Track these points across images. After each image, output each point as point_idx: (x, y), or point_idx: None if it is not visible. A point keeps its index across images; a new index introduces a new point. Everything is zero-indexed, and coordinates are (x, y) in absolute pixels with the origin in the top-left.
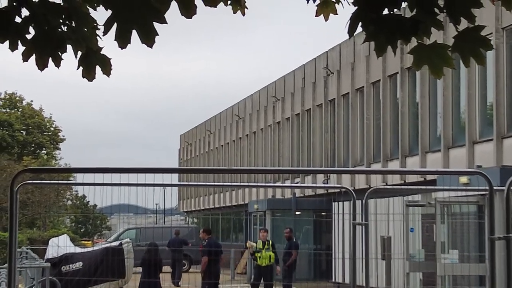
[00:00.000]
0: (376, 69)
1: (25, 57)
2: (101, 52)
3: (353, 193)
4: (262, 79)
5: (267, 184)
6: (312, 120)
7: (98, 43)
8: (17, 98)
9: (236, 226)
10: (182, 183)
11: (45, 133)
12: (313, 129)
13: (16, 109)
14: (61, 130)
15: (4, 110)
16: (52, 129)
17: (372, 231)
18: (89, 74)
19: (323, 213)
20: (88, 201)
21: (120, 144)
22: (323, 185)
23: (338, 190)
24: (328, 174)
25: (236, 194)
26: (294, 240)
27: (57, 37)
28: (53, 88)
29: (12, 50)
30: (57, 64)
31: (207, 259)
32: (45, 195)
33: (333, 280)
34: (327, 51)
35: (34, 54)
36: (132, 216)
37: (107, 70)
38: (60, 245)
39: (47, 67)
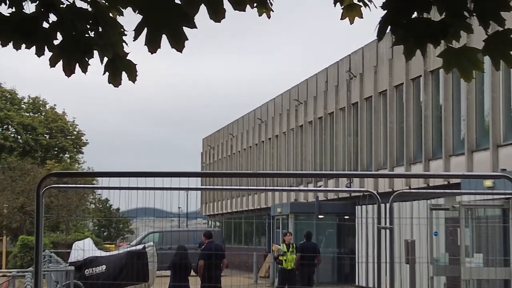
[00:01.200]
0: (399, 72)
1: (53, 62)
2: (127, 58)
3: (378, 196)
4: (285, 83)
5: (290, 188)
6: (335, 124)
7: (124, 49)
8: (41, 102)
9: (259, 229)
10: (205, 187)
11: (68, 137)
12: (336, 133)
13: (39, 113)
14: (84, 134)
15: (28, 114)
16: (75, 133)
17: (396, 235)
18: (115, 80)
19: (346, 217)
20: (111, 205)
21: (142, 148)
22: (348, 189)
23: (362, 194)
24: (351, 178)
25: (258, 197)
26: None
27: (85, 43)
28: (76, 92)
29: (39, 56)
30: (84, 70)
31: (202, 263)
32: (68, 199)
33: (357, 283)
34: (349, 55)
35: (61, 60)
36: (155, 220)
37: (132, 76)
38: (84, 248)
39: (74, 73)
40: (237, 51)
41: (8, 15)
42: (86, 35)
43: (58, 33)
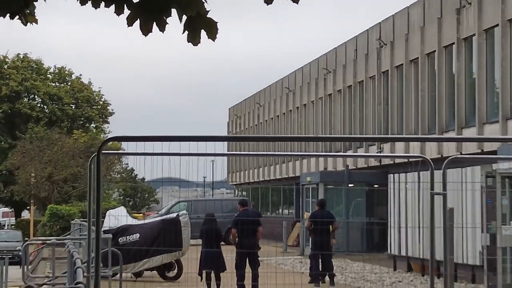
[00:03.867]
0: (431, 39)
1: (130, 21)
2: (208, 16)
3: (431, 162)
4: (313, 52)
5: (337, 154)
6: (364, 92)
7: (205, 6)
8: (66, 72)
9: (287, 198)
10: (232, 152)
11: (94, 107)
12: (366, 101)
13: (65, 83)
14: (110, 104)
15: (54, 84)
16: (101, 102)
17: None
18: (194, 39)
19: (375, 186)
20: (136, 175)
21: (169, 119)
22: (401, 154)
23: (407, 160)
24: (382, 146)
25: (286, 167)
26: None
27: (163, 1)
28: (101, 61)
29: (118, 14)
30: (162, 29)
31: (235, 231)
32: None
33: (389, 252)
34: (380, 22)
35: (138, 19)
36: (180, 190)
37: (212, 34)
38: (118, 216)
39: (151, 32)
40: (265, 20)
41: None
42: None
43: None
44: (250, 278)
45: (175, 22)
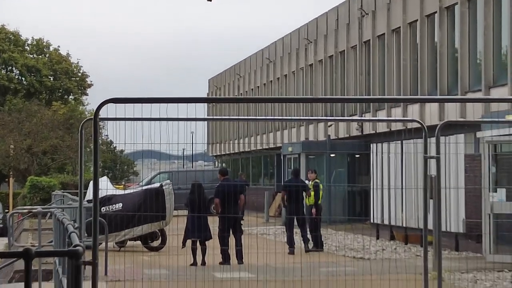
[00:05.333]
0: (413, 9)
1: None
2: None
3: (425, 126)
4: (293, 22)
5: (328, 118)
6: (346, 63)
7: None
8: (44, 43)
9: (268, 169)
10: (213, 117)
11: (72, 79)
12: (347, 72)
13: (43, 55)
14: (89, 76)
15: (32, 56)
16: (79, 74)
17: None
18: None
19: (357, 155)
20: (115, 147)
21: (149, 90)
22: (395, 118)
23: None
24: (364, 115)
25: (267, 137)
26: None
27: None
28: (78, 34)
29: None
30: None
31: (218, 200)
32: (75, 140)
33: (371, 221)
34: None
35: None
36: (158, 162)
37: None
38: (101, 187)
39: None
40: None
41: None
42: None
43: None
44: (234, 244)
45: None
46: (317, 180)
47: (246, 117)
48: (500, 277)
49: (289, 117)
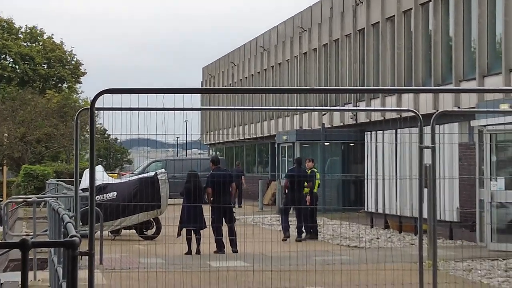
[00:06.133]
0: None
1: None
2: None
3: (420, 116)
4: (287, 10)
5: (322, 108)
6: (340, 51)
7: None
8: (38, 31)
9: (262, 158)
10: (207, 107)
11: (66, 67)
12: (342, 60)
13: (37, 43)
14: (83, 64)
15: (25, 44)
16: (73, 62)
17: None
18: None
19: (351, 144)
20: (109, 135)
21: (141, 78)
22: (391, 108)
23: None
24: (358, 104)
25: (261, 126)
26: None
27: None
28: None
29: None
30: None
31: (210, 189)
32: (69, 128)
33: (366, 209)
34: None
35: None
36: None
37: None
38: (96, 176)
39: None
40: None
41: None
42: None
43: None
44: (227, 233)
45: None
46: (314, 169)
47: (240, 107)
48: (495, 266)
49: (283, 107)
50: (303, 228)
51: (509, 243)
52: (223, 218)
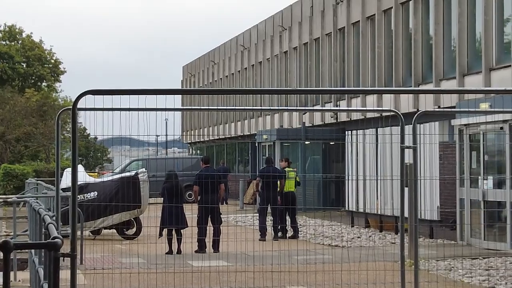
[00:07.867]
0: None
1: None
2: None
3: (401, 116)
4: (268, 9)
5: (302, 108)
6: (320, 50)
7: None
8: (17, 30)
9: (243, 156)
10: (188, 107)
11: (45, 65)
12: (322, 59)
13: (16, 41)
14: (62, 62)
15: (4, 43)
16: (52, 61)
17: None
18: None
19: (331, 143)
20: (89, 134)
21: (121, 76)
22: (372, 108)
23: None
24: (338, 103)
25: (241, 124)
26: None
27: None
28: (53, 20)
29: None
30: None
31: (197, 187)
32: (49, 127)
33: (346, 208)
34: None
35: None
36: (137, 149)
37: None
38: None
39: None
40: None
41: None
42: None
43: None
44: (211, 233)
45: None
46: (286, 169)
47: (220, 108)
48: (475, 265)
49: (263, 107)
50: (279, 227)
51: (490, 241)
52: (209, 218)
